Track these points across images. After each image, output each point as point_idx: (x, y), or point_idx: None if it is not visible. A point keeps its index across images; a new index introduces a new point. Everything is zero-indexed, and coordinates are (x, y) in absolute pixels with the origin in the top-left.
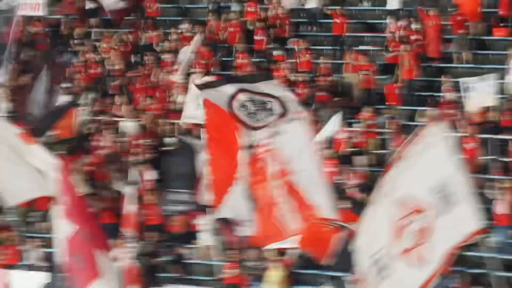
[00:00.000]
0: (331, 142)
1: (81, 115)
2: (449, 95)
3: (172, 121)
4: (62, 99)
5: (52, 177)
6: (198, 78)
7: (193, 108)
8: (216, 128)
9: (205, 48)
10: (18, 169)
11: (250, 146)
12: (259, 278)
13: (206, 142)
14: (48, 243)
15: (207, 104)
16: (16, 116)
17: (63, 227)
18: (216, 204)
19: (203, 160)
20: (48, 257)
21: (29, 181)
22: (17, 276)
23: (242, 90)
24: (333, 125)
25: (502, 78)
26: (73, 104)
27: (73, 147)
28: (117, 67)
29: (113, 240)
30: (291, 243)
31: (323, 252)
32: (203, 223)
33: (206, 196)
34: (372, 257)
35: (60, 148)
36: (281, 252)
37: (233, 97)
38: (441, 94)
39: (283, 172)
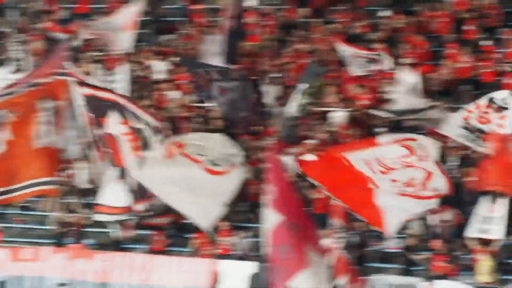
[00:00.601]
0: None
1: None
2: None
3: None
4: (270, 89)
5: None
6: (407, 69)
7: (402, 100)
8: (325, 175)
9: (417, 37)
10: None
11: None
12: (467, 268)
13: (329, 194)
14: (257, 233)
15: (303, 166)
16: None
17: (270, 218)
18: (382, 228)
19: None
20: (257, 247)
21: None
22: (226, 265)
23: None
24: None
25: None
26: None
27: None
28: (327, 57)
29: (322, 231)
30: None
31: None
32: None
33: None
34: None
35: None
36: (486, 241)
37: None
38: None
39: None
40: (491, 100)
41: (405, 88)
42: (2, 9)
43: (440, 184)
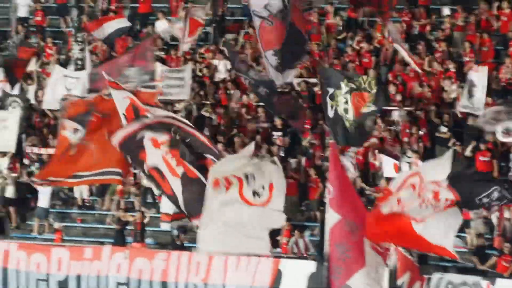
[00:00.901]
0: None
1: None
2: None
3: (446, 110)
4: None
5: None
6: (470, 67)
7: (465, 98)
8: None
9: (479, 36)
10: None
11: None
12: None
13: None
14: (317, 232)
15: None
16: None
17: (330, 216)
18: (445, 253)
19: None
20: (318, 246)
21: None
22: (286, 264)
23: None
24: None
25: None
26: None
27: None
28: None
29: None
30: None
31: None
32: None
33: None
34: None
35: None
36: None
37: None
38: None
39: None
40: None
41: (470, 87)
42: (64, 9)
43: (449, 194)
